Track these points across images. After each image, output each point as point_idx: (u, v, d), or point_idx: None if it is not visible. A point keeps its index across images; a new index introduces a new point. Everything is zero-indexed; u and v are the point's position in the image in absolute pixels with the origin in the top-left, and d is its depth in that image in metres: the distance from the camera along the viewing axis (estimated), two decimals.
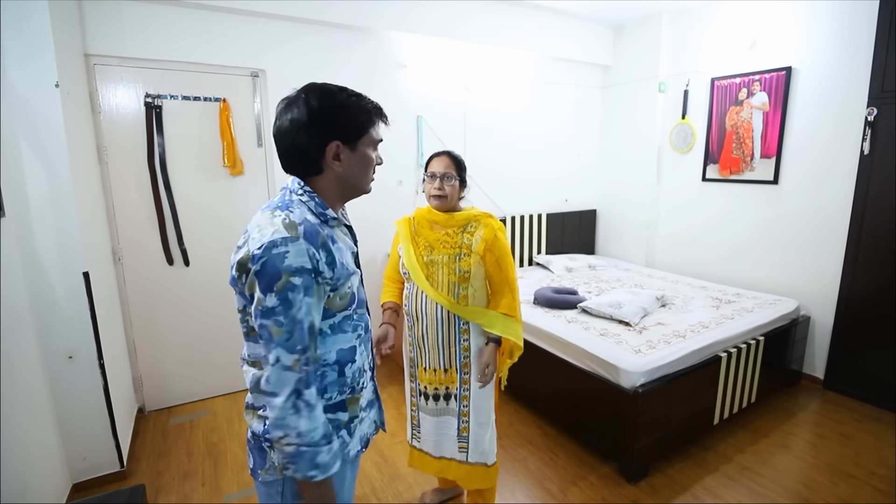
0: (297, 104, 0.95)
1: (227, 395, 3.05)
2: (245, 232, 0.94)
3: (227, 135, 2.78)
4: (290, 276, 0.86)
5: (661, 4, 3.62)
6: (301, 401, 0.88)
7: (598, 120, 4.42)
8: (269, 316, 0.86)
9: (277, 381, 0.88)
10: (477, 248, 1.67)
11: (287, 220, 0.90)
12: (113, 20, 2.44)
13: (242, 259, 0.89)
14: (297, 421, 0.88)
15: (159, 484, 2.23)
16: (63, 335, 2.03)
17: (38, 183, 1.92)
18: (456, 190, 1.71)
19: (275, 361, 0.88)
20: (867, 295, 2.83)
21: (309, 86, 0.98)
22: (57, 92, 1.91)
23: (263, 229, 0.89)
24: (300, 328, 0.88)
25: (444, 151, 1.75)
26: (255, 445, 1.03)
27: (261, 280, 0.86)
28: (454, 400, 1.78)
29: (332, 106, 0.96)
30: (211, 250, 2.88)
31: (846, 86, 2.85)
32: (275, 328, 0.87)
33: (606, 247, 4.54)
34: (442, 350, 1.75)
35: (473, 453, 1.79)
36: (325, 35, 3.01)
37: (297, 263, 0.86)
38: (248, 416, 1.04)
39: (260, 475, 1.03)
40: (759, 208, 3.37)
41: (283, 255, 0.85)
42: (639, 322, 2.63)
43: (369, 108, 1.01)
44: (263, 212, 0.95)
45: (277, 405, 0.88)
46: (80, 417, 2.12)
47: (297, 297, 0.87)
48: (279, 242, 0.86)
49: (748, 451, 2.42)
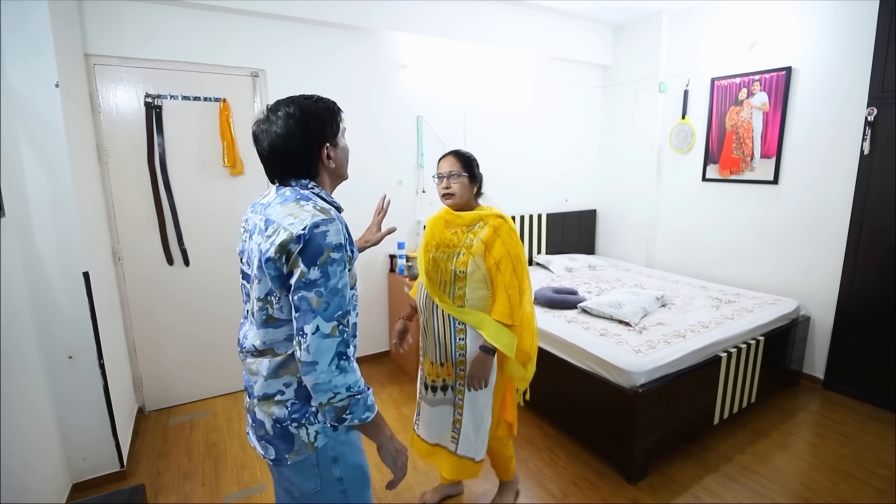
0: (280, 123, 1.06)
1: (227, 395, 3.05)
2: (271, 223, 1.02)
3: (227, 135, 2.78)
4: (330, 252, 0.97)
5: (661, 4, 3.62)
6: (343, 361, 0.98)
7: (598, 120, 4.42)
8: (311, 288, 0.96)
9: (318, 349, 0.96)
10: (476, 248, 1.66)
11: (317, 206, 1.02)
12: (113, 20, 2.44)
13: (284, 241, 0.97)
14: (343, 378, 0.98)
15: (159, 484, 2.23)
16: (63, 335, 2.03)
17: (38, 183, 1.91)
18: (465, 187, 1.71)
19: (314, 331, 0.96)
20: (867, 295, 2.83)
21: (284, 102, 1.09)
22: (57, 92, 1.90)
23: (299, 215, 0.99)
24: (340, 297, 0.98)
25: (450, 151, 1.76)
26: (279, 433, 1.07)
27: (304, 256, 0.96)
28: (451, 391, 1.80)
29: (313, 116, 1.07)
30: (211, 250, 2.88)
31: (846, 86, 2.85)
32: (315, 298, 0.96)
33: (606, 247, 4.54)
34: (439, 345, 1.77)
35: (462, 446, 1.81)
36: (325, 35, 3.01)
37: (335, 241, 0.98)
38: (264, 407, 1.07)
39: (289, 459, 1.07)
40: (759, 208, 3.37)
41: (324, 233, 0.97)
42: (639, 322, 2.63)
43: (332, 106, 1.12)
44: (285, 204, 1.03)
45: (322, 370, 0.96)
46: (80, 417, 2.12)
47: (336, 270, 0.98)
48: (320, 223, 0.97)
49: (748, 451, 2.42)
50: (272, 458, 1.10)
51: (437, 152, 3.50)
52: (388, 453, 1.11)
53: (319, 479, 1.10)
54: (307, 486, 1.10)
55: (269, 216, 1.04)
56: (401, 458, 1.13)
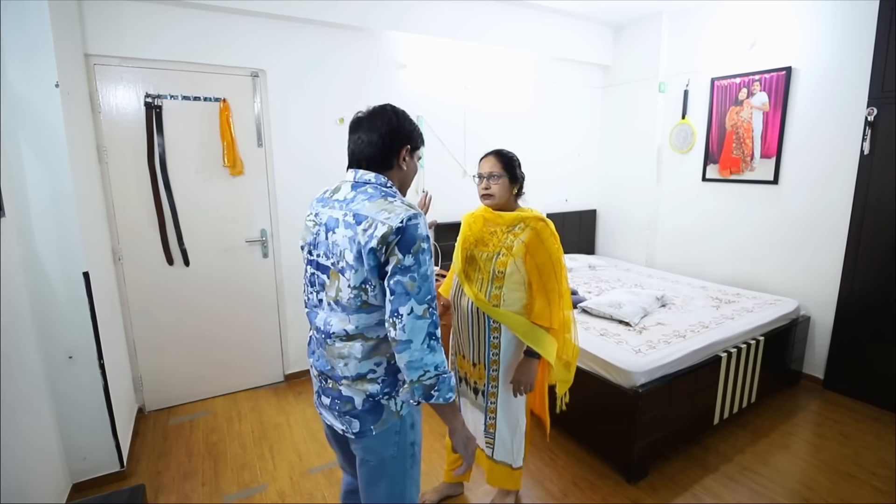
0: (384, 114, 1.23)
1: (227, 395, 3.05)
2: (364, 218, 1.12)
3: (227, 135, 2.78)
4: (421, 242, 1.09)
5: (661, 4, 3.62)
6: (433, 341, 1.09)
7: (598, 120, 4.42)
8: (406, 273, 1.07)
9: (412, 329, 1.07)
10: (517, 250, 1.65)
11: (402, 201, 1.16)
12: (113, 20, 2.44)
13: (385, 233, 1.07)
14: (433, 357, 1.08)
15: (159, 484, 2.23)
16: (63, 335, 2.03)
17: (38, 183, 1.91)
18: (505, 188, 1.71)
19: (409, 312, 1.07)
20: (867, 295, 2.83)
21: (388, 105, 1.27)
22: (57, 92, 1.90)
23: (393, 210, 1.10)
24: (429, 282, 1.10)
25: (492, 151, 1.76)
26: (369, 407, 1.19)
27: (401, 245, 1.08)
28: (482, 396, 1.80)
29: (408, 121, 1.26)
30: (211, 250, 2.88)
31: (846, 86, 2.85)
32: (410, 283, 1.07)
33: (606, 247, 4.54)
34: (473, 344, 1.77)
35: (499, 451, 1.82)
36: (326, 35, 3.01)
37: (424, 232, 1.11)
38: (358, 385, 1.19)
39: (374, 430, 1.20)
40: (759, 208, 3.37)
41: (416, 225, 1.10)
42: (639, 322, 2.63)
43: (420, 132, 1.31)
44: (372, 201, 1.15)
45: (416, 348, 1.07)
46: (80, 417, 2.12)
47: (425, 258, 1.10)
48: (413, 216, 1.10)
49: (748, 451, 2.42)
50: (355, 430, 1.21)
51: (437, 152, 3.52)
52: (460, 438, 1.21)
53: (397, 446, 1.24)
54: (386, 452, 1.23)
55: (357, 211, 1.14)
56: (471, 444, 1.23)
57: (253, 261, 3.02)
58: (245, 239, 2.97)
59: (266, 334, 3.14)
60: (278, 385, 3.19)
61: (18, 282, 1.86)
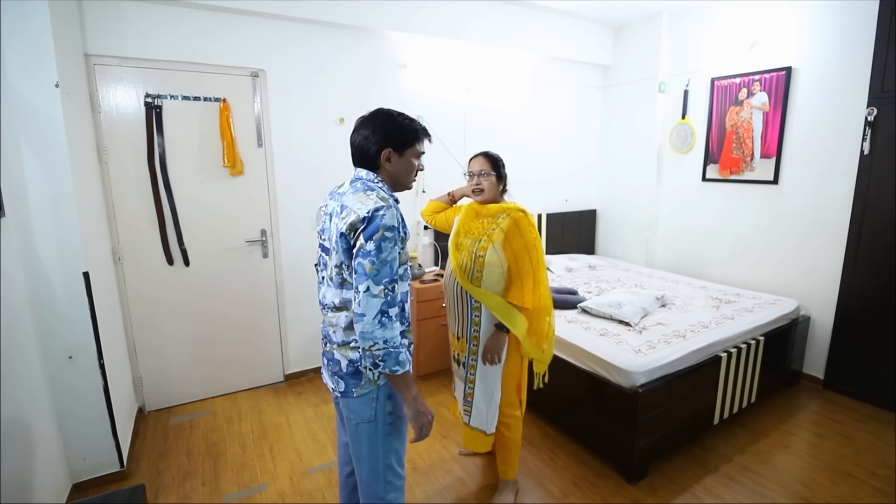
0: (373, 119, 1.37)
1: (227, 395, 3.05)
2: (346, 208, 1.28)
3: (227, 135, 2.78)
4: (384, 231, 1.22)
5: (661, 4, 3.62)
6: (385, 318, 1.22)
7: (597, 120, 4.42)
8: (367, 256, 1.21)
9: (367, 305, 1.21)
10: (496, 236, 1.83)
11: (379, 195, 1.29)
12: (113, 20, 2.44)
13: (353, 221, 1.24)
14: (383, 332, 1.21)
15: (159, 484, 2.23)
16: (63, 335, 2.03)
17: (38, 183, 1.91)
18: (493, 184, 1.93)
19: (365, 290, 1.21)
20: (867, 295, 2.83)
21: (378, 109, 1.40)
22: (57, 92, 1.90)
23: (364, 202, 1.25)
24: (388, 267, 1.23)
25: (481, 153, 1.98)
26: (351, 371, 1.36)
27: (365, 232, 1.22)
28: (463, 367, 1.99)
29: (389, 123, 1.36)
30: (211, 250, 2.88)
31: (846, 86, 2.85)
32: (369, 265, 1.21)
33: (606, 247, 4.54)
34: (458, 320, 1.98)
35: (475, 418, 2.00)
36: (326, 35, 3.01)
37: (389, 223, 1.23)
38: (342, 351, 1.36)
39: (355, 392, 1.36)
40: (760, 208, 3.37)
41: (381, 216, 1.23)
42: (639, 322, 2.63)
43: (416, 129, 1.41)
44: (355, 193, 1.30)
45: (367, 321, 1.21)
46: (80, 417, 2.12)
47: (388, 246, 1.23)
48: (380, 208, 1.23)
49: (748, 451, 2.42)
50: (341, 390, 1.38)
51: (436, 152, 3.51)
52: (410, 409, 1.32)
53: (374, 412, 1.38)
54: (365, 414, 1.38)
55: (344, 202, 1.30)
56: (422, 418, 1.33)
57: (253, 261, 3.02)
58: (245, 239, 2.97)
59: (266, 334, 3.14)
60: (278, 385, 3.19)
61: (18, 282, 1.86)
